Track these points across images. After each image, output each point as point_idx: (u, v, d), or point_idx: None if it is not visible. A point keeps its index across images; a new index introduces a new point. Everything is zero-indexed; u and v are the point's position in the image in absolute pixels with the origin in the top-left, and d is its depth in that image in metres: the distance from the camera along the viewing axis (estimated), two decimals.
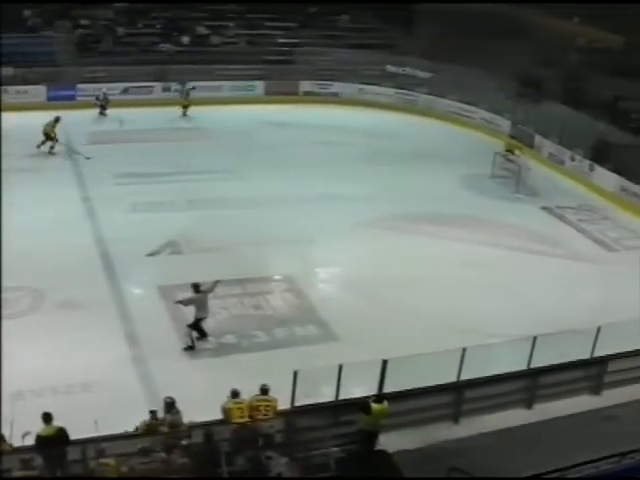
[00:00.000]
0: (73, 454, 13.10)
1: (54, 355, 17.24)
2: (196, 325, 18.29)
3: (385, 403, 14.57)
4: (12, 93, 36.45)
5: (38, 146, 29.94)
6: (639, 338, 17.32)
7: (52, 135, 30.18)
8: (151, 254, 22.54)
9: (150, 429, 13.75)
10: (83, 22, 40.38)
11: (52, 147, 30.19)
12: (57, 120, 30.43)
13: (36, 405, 14.43)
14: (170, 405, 14.11)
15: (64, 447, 13.08)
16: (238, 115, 36.44)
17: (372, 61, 40.53)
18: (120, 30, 40.34)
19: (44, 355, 17.21)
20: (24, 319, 18.86)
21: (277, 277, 22.15)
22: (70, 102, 36.53)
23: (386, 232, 24.59)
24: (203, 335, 18.41)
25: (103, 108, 36.09)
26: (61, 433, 13.15)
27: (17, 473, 12.21)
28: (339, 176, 28.72)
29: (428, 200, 27.13)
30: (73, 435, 13.20)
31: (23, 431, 13.12)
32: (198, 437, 13.47)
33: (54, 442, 13.03)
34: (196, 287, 18.37)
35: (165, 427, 13.81)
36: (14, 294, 19.82)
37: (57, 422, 13.24)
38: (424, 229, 24.93)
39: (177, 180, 27.88)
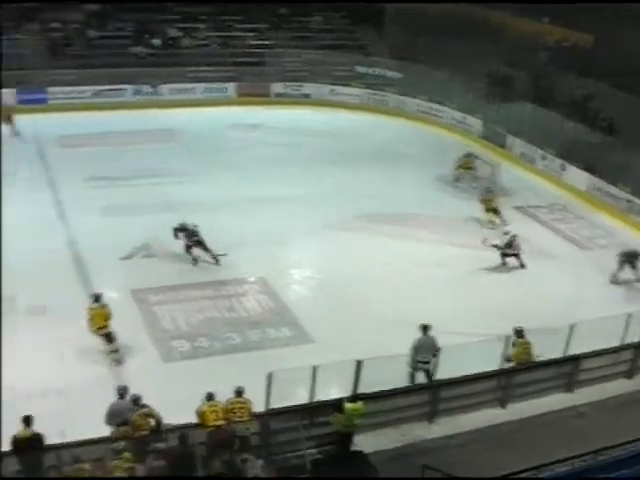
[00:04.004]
0: (49, 460, 13.07)
1: (25, 360, 17.11)
2: None
3: (359, 403, 14.61)
4: None
5: None
6: (609, 335, 17.50)
7: None
8: (124, 257, 22.48)
9: (125, 433, 13.74)
10: (53, 25, 40.17)
11: None
12: None
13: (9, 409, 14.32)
14: (137, 400, 14.19)
15: (39, 452, 13.03)
16: (209, 117, 36.44)
17: (342, 62, 40.65)
18: (91, 33, 40.15)
19: (18, 358, 17.08)
20: None
21: (250, 279, 22.15)
22: (41, 105, 36.36)
23: (354, 233, 24.72)
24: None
25: None
26: (37, 437, 13.12)
27: None
28: (307, 178, 28.84)
29: (397, 200, 27.23)
30: (48, 440, 13.19)
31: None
32: (173, 440, 13.45)
33: (29, 445, 12.99)
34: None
35: (145, 419, 13.85)
36: None
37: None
38: (392, 229, 25.02)
39: (149, 183, 27.83)
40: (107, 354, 17.76)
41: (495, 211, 26.25)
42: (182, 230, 22.35)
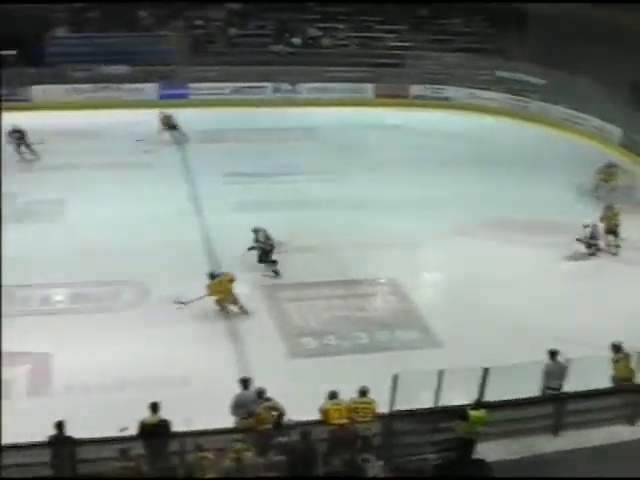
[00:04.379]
0: (173, 446, 13.40)
1: (156, 348, 17.62)
2: None
3: (483, 411, 14.42)
4: (126, 90, 37.40)
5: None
6: None
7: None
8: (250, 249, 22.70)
9: (249, 425, 13.93)
10: (197, 22, 41.10)
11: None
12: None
13: (138, 396, 14.70)
14: (261, 393, 14.31)
15: (165, 438, 13.33)
16: (347, 117, 36.48)
17: (482, 66, 39.91)
18: (232, 31, 40.89)
19: (146, 348, 17.60)
20: (128, 313, 19.34)
21: (381, 280, 22.13)
22: (182, 100, 37.22)
23: (485, 238, 24.07)
24: None
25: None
26: (164, 424, 13.41)
27: (116, 464, 12.45)
28: (442, 181, 28.39)
29: (532, 207, 26.49)
30: (174, 428, 13.49)
31: (120, 425, 13.47)
32: (295, 436, 13.54)
33: (156, 431, 13.31)
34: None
35: (269, 413, 13.97)
36: (119, 287, 20.37)
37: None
38: (524, 237, 24.16)
39: (285, 180, 28.06)
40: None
41: (615, 232, 24.26)
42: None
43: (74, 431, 13.06)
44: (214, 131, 33.62)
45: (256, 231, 21.81)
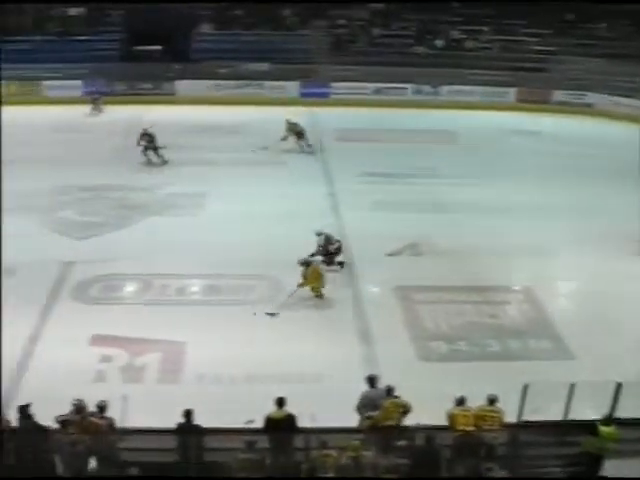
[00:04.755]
0: (298, 442, 13.47)
1: (287, 343, 17.80)
2: None
3: (613, 427, 14.03)
4: (267, 88, 37.93)
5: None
6: None
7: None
8: (391, 254, 22.64)
9: (376, 420, 13.93)
10: (340, 22, 41.33)
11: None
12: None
13: (266, 390, 14.85)
14: (390, 390, 14.25)
15: (291, 433, 13.44)
16: (487, 121, 36.18)
17: (626, 72, 38.63)
18: (375, 31, 40.97)
19: (277, 343, 17.80)
20: (262, 307, 19.54)
21: (515, 287, 21.78)
22: (323, 99, 37.51)
23: (623, 251, 23.21)
24: None
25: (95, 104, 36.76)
26: (290, 419, 13.49)
27: (241, 455, 12.61)
28: (578, 190, 27.64)
29: None
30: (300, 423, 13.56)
31: (247, 417, 13.63)
32: (419, 439, 13.47)
33: (281, 426, 13.42)
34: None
35: (397, 409, 13.93)
36: (253, 281, 20.68)
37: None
38: None
39: (420, 182, 27.94)
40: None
41: None
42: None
43: (202, 419, 13.29)
44: (353, 130, 33.76)
45: (319, 234, 21.64)
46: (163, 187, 26.88)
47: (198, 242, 22.66)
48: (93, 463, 12.96)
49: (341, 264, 21.51)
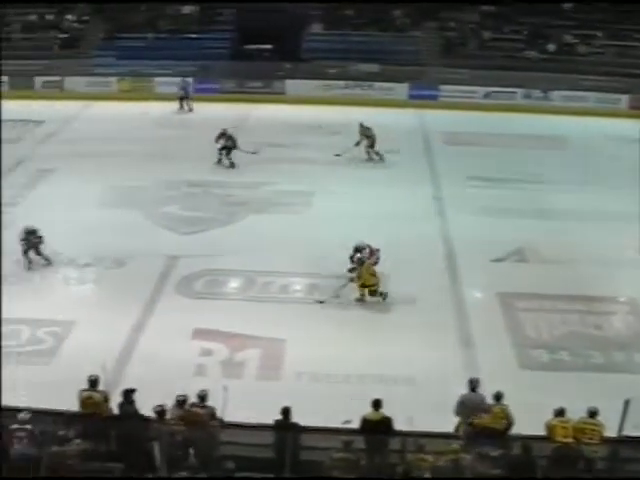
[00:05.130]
0: (393, 444, 13.38)
1: (387, 345, 17.75)
2: None
3: None
4: (377, 89, 37.94)
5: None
6: None
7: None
8: (495, 259, 22.38)
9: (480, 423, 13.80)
10: (450, 24, 41.08)
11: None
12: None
13: (363, 391, 14.92)
14: (499, 397, 14.01)
15: (386, 435, 13.37)
16: (598, 127, 35.31)
17: None
18: (486, 34, 40.58)
19: (376, 344, 17.79)
20: (363, 306, 19.62)
21: (620, 298, 21.23)
22: (431, 102, 37.34)
23: None
24: None
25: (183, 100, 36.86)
26: (386, 421, 13.41)
27: (336, 455, 12.63)
28: None
29: None
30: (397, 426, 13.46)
31: (344, 417, 13.62)
32: (515, 449, 13.27)
33: (377, 428, 13.35)
34: None
35: (503, 414, 13.76)
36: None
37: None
38: None
39: (528, 188, 27.53)
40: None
41: None
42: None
43: (298, 417, 13.34)
44: (462, 134, 33.52)
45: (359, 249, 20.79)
46: (268, 184, 27.11)
47: (302, 240, 22.81)
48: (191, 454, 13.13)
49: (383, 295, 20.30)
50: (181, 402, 13.53)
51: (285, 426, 13.21)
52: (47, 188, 27.03)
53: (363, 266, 19.72)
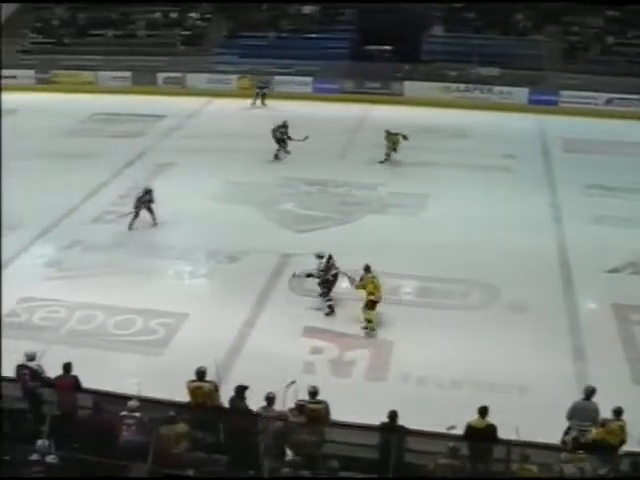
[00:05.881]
0: (498, 453, 13.22)
1: (497, 352, 17.59)
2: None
3: None
4: (496, 93, 37.56)
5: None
6: None
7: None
8: (611, 270, 21.82)
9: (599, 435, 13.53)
10: (573, 28, 40.34)
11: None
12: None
13: (471, 398, 14.83)
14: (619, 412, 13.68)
15: (491, 443, 13.23)
16: None
17: None
18: (609, 39, 39.70)
19: (486, 350, 17.63)
20: (474, 312, 19.46)
21: None
22: (551, 107, 36.78)
23: None
24: None
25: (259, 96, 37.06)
26: (491, 429, 13.30)
27: (441, 460, 12.56)
28: None
29: None
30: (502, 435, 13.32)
31: (450, 423, 13.45)
32: (624, 465, 12.97)
33: (483, 435, 13.23)
34: None
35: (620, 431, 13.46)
36: (468, 286, 20.56)
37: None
38: None
39: None
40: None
41: None
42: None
43: (404, 419, 13.30)
44: (582, 141, 32.84)
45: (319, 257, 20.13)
46: (385, 185, 27.15)
47: (416, 242, 22.80)
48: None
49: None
50: (270, 400, 13.70)
51: (391, 428, 13.21)
52: (165, 182, 27.62)
53: (369, 274, 18.84)
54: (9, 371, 14.77)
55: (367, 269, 18.81)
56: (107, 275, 21.12)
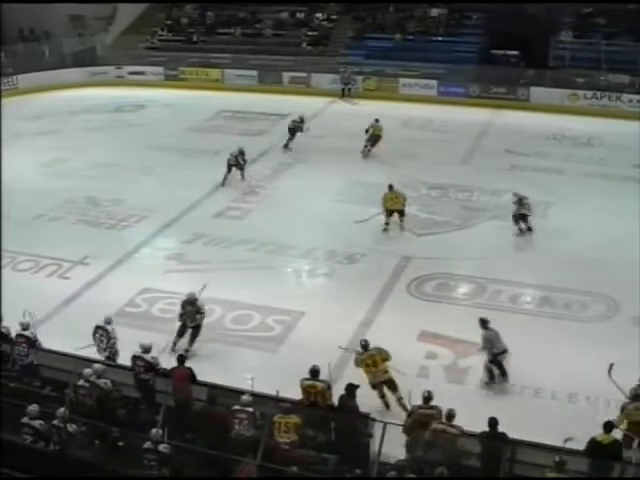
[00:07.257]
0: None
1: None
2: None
3: None
4: (625, 101, 36.61)
5: None
6: None
7: None
8: None
9: None
10: None
11: None
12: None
13: (586, 410, 14.76)
14: None
15: (614, 460, 12.71)
16: None
17: None
18: None
19: (604, 365, 16.97)
20: (594, 325, 18.99)
21: None
22: None
23: None
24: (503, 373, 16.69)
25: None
26: (616, 445, 12.86)
27: (548, 474, 12.22)
28: None
29: None
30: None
31: (566, 435, 13.04)
32: None
33: (608, 452, 12.75)
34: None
35: None
36: (589, 298, 20.06)
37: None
38: None
39: None
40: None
41: None
42: None
43: (513, 431, 13.05)
44: None
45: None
46: (508, 192, 26.58)
47: (537, 251, 22.43)
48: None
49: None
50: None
51: (492, 436, 12.97)
52: (288, 180, 27.86)
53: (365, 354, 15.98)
54: (126, 360, 15.16)
55: (365, 347, 16.04)
56: (226, 270, 21.43)
